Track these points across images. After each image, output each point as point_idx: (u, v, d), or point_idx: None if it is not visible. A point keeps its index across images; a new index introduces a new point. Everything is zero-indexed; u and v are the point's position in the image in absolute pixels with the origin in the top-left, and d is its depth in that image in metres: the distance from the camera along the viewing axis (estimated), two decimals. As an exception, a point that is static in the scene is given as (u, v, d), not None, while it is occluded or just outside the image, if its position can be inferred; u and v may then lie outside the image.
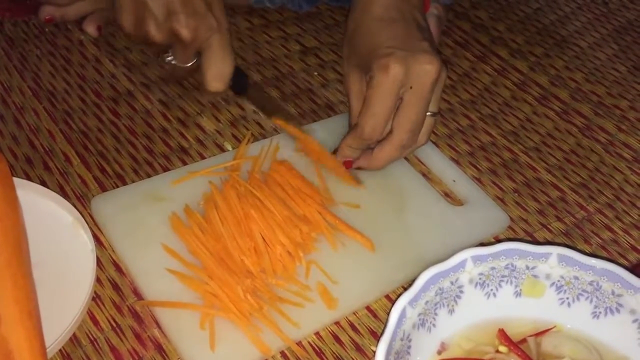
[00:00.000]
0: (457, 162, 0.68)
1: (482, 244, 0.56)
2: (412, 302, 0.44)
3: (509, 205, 0.64)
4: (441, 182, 0.65)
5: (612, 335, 0.47)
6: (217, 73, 0.64)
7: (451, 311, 0.47)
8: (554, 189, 0.67)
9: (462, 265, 0.47)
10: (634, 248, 0.62)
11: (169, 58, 0.66)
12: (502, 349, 0.46)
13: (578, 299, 0.48)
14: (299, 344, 0.51)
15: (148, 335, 0.50)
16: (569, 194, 0.67)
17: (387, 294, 0.55)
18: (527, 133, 0.73)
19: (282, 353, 0.50)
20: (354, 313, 0.53)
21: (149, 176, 0.61)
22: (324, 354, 0.51)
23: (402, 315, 0.43)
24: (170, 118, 0.68)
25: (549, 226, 0.63)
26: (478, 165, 0.68)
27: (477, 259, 0.47)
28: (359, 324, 0.53)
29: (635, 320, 0.46)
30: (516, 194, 0.66)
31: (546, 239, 0.61)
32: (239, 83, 0.67)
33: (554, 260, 0.48)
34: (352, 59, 0.61)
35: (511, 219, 0.62)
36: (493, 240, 0.60)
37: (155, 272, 0.52)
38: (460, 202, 0.63)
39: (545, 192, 0.66)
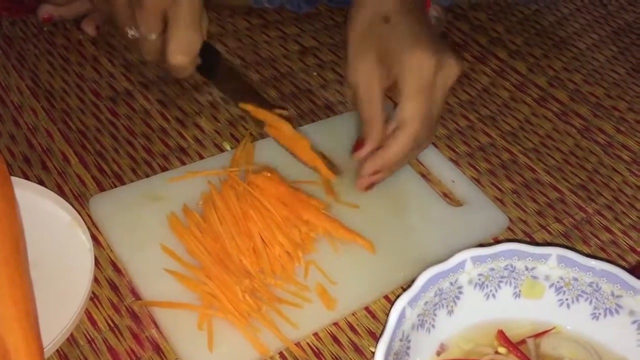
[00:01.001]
0: (456, 163, 0.68)
1: (481, 245, 0.56)
2: (412, 302, 0.44)
3: (508, 206, 0.64)
4: (440, 182, 0.65)
5: (612, 337, 0.47)
6: (181, 44, 0.58)
7: (450, 312, 0.47)
8: (553, 190, 0.67)
9: (461, 266, 0.47)
10: (633, 249, 0.62)
11: (132, 32, 0.61)
12: (501, 350, 0.46)
13: (577, 300, 0.48)
14: (298, 344, 0.50)
15: (146, 336, 0.50)
16: (568, 195, 0.67)
17: (386, 294, 0.55)
18: (526, 134, 0.73)
19: (281, 354, 0.50)
20: (352, 314, 0.53)
21: (147, 176, 0.61)
22: (322, 354, 0.50)
23: (402, 315, 0.43)
24: (168, 118, 0.68)
25: (547, 227, 0.63)
26: (477, 166, 0.68)
27: (476, 260, 0.47)
28: (357, 324, 0.53)
29: (634, 322, 0.46)
30: (515, 195, 0.66)
31: (545, 240, 0.61)
32: (209, 65, 0.61)
33: (553, 261, 0.48)
34: (367, 55, 0.57)
35: (510, 220, 0.62)
36: (492, 241, 0.60)
37: (153, 272, 0.52)
38: (460, 202, 0.63)
39: (544, 193, 0.66)
